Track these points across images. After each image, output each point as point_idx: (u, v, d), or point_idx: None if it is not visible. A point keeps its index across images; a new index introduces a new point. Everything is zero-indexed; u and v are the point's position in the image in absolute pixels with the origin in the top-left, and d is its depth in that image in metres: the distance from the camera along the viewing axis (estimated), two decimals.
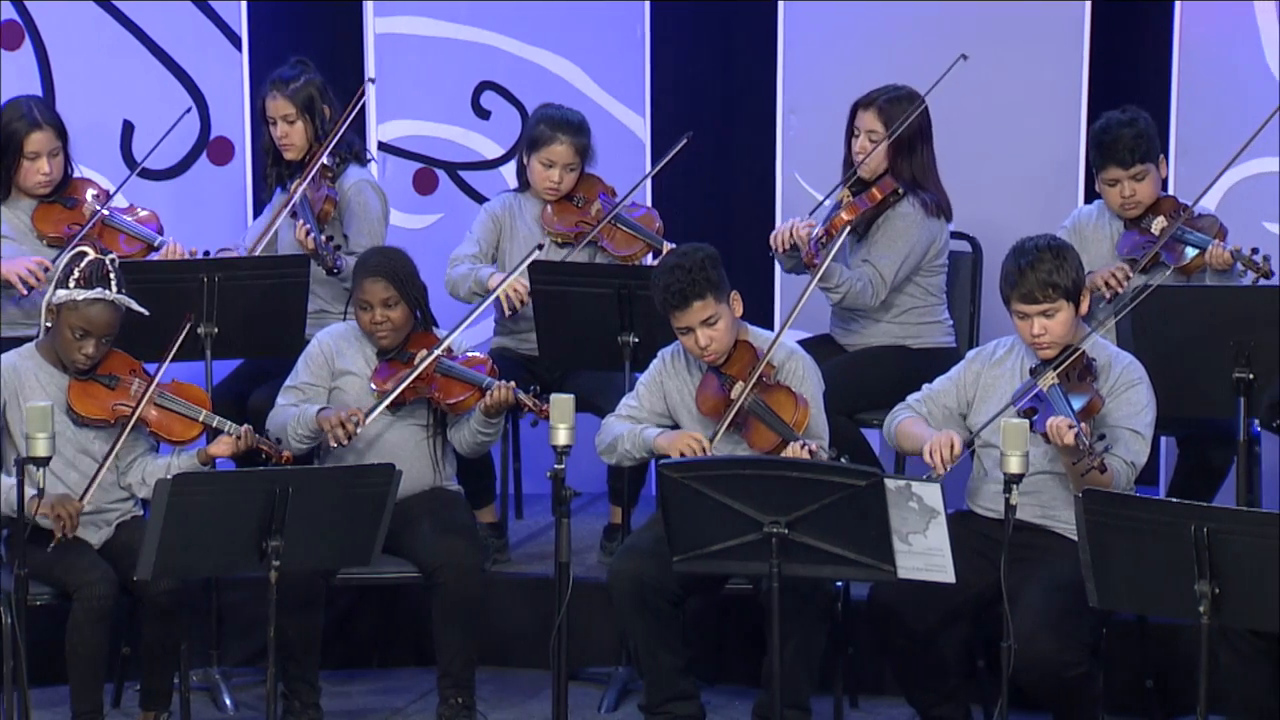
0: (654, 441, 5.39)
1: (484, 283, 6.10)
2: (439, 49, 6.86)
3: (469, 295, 6.14)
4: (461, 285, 6.16)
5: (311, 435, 5.58)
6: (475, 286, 6.13)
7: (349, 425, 5.49)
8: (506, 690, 5.89)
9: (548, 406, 5.20)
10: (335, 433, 5.50)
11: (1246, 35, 6.39)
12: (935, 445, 5.13)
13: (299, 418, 5.57)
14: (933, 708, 5.36)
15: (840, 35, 6.69)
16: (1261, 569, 4.50)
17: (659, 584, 5.30)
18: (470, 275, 6.16)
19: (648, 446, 5.40)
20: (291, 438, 5.56)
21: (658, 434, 5.41)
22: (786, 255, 6.05)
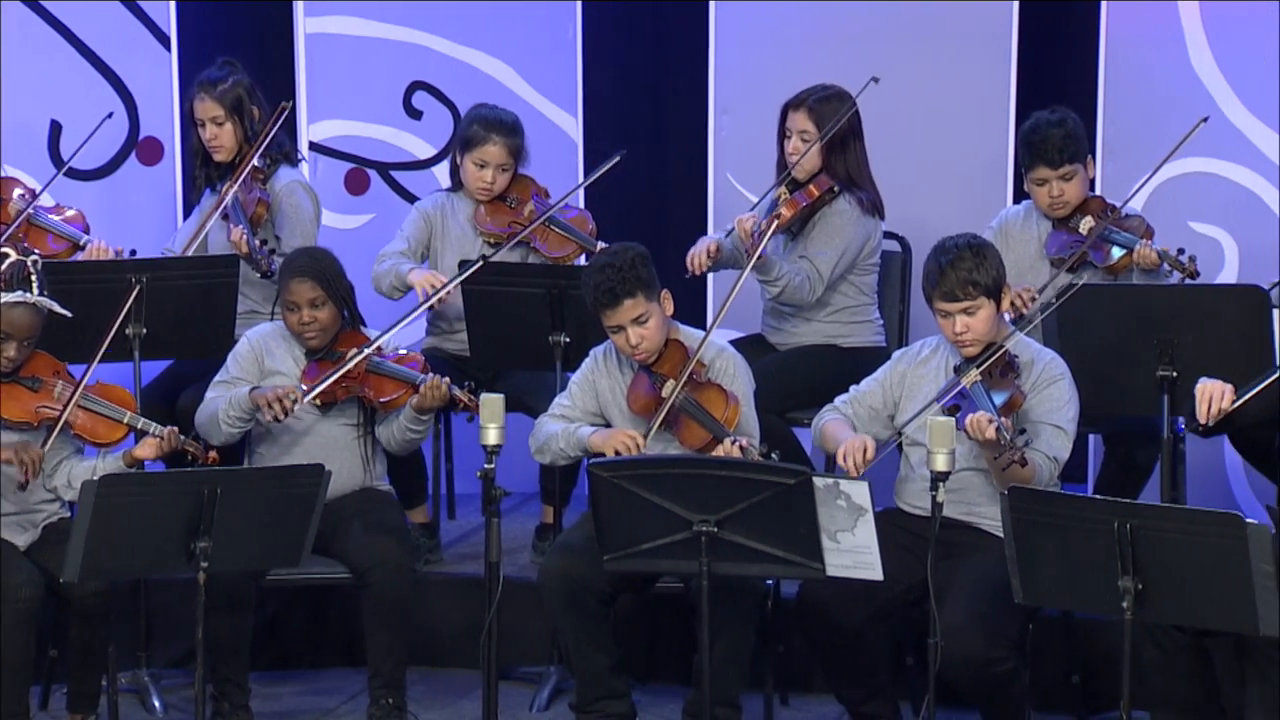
0: (588, 440, 5.40)
1: (404, 278, 6.10)
2: (370, 49, 6.85)
3: (390, 290, 6.14)
4: (384, 280, 6.15)
5: (245, 416, 5.56)
6: (396, 281, 6.12)
7: (286, 402, 5.48)
8: (438, 690, 5.89)
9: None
10: (273, 408, 5.48)
11: (1171, 35, 6.45)
12: (849, 449, 5.17)
13: (231, 399, 5.55)
14: (861, 704, 5.39)
15: (771, 36, 6.72)
16: (1184, 565, 4.54)
17: (589, 583, 5.31)
18: (392, 270, 6.14)
19: (582, 445, 5.42)
20: (223, 422, 5.54)
21: (592, 432, 5.42)
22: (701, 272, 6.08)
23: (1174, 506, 5.27)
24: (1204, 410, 5.00)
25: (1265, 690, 4.84)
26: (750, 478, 4.87)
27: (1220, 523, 4.49)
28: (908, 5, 6.61)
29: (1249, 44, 6.39)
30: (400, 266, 6.14)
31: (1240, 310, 5.46)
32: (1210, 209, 6.46)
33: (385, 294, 6.16)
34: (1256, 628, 4.51)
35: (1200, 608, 4.59)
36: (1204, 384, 5.03)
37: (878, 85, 6.12)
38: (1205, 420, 4.99)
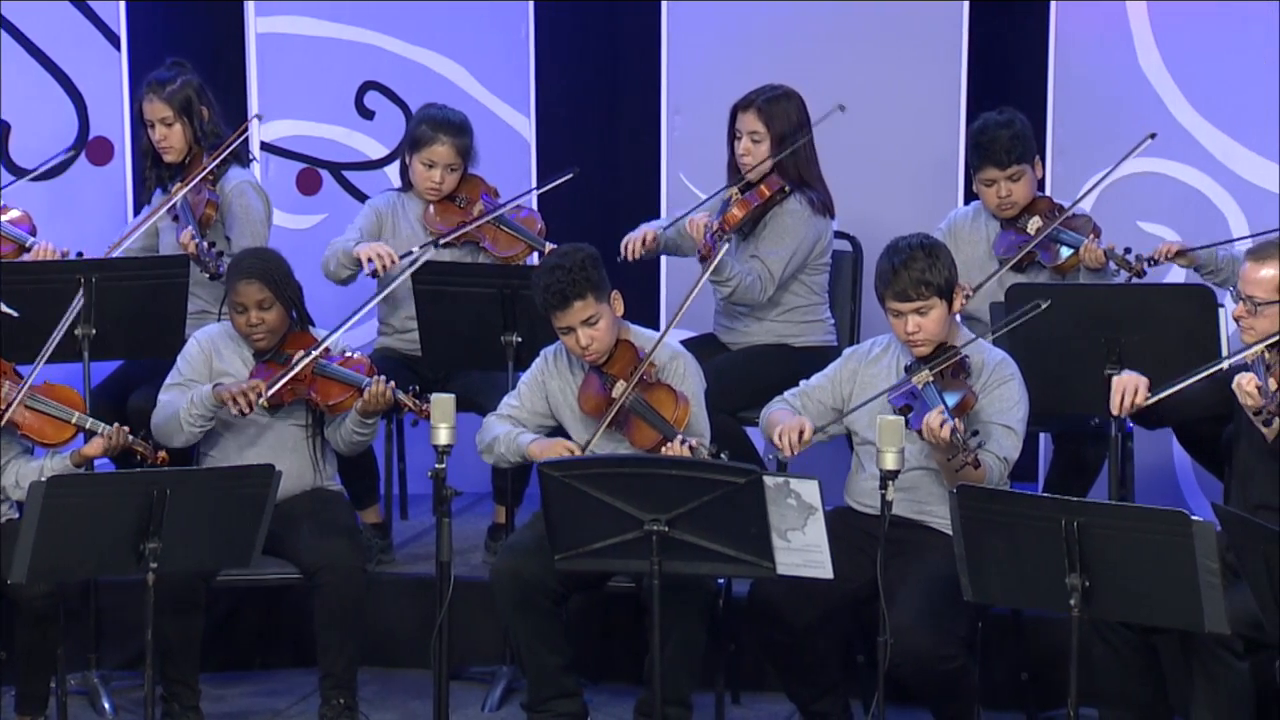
0: (527, 448, 5.42)
1: (351, 253, 6.09)
2: (321, 49, 6.84)
3: (338, 269, 6.13)
4: (331, 261, 6.15)
5: (208, 414, 5.55)
6: (344, 259, 6.12)
7: (251, 395, 5.47)
8: (390, 690, 5.88)
9: (428, 406, 5.21)
10: (238, 402, 5.47)
11: (1119, 36, 6.48)
12: (785, 429, 5.20)
13: (194, 398, 5.54)
14: (812, 702, 5.41)
15: (723, 35, 6.74)
16: (1130, 562, 4.57)
17: (541, 582, 5.31)
18: (339, 249, 6.14)
19: (521, 452, 5.44)
20: (185, 422, 5.53)
21: (532, 440, 5.43)
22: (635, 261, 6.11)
23: (1120, 504, 5.31)
24: (1117, 402, 5.04)
25: (1211, 686, 4.87)
26: (701, 477, 4.88)
27: (1166, 520, 4.53)
28: (859, 5, 6.63)
29: (1197, 45, 6.43)
30: (347, 244, 6.13)
31: (1187, 309, 5.50)
32: (1158, 209, 6.49)
33: (334, 275, 6.15)
34: (1202, 624, 4.54)
35: (1147, 605, 4.62)
36: (1121, 376, 5.07)
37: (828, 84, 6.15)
38: (1118, 412, 5.03)
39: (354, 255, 6.08)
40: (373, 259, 6.03)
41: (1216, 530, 4.56)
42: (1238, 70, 6.39)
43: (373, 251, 6.05)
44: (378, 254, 6.04)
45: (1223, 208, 6.47)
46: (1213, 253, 5.86)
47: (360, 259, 6.05)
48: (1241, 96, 6.39)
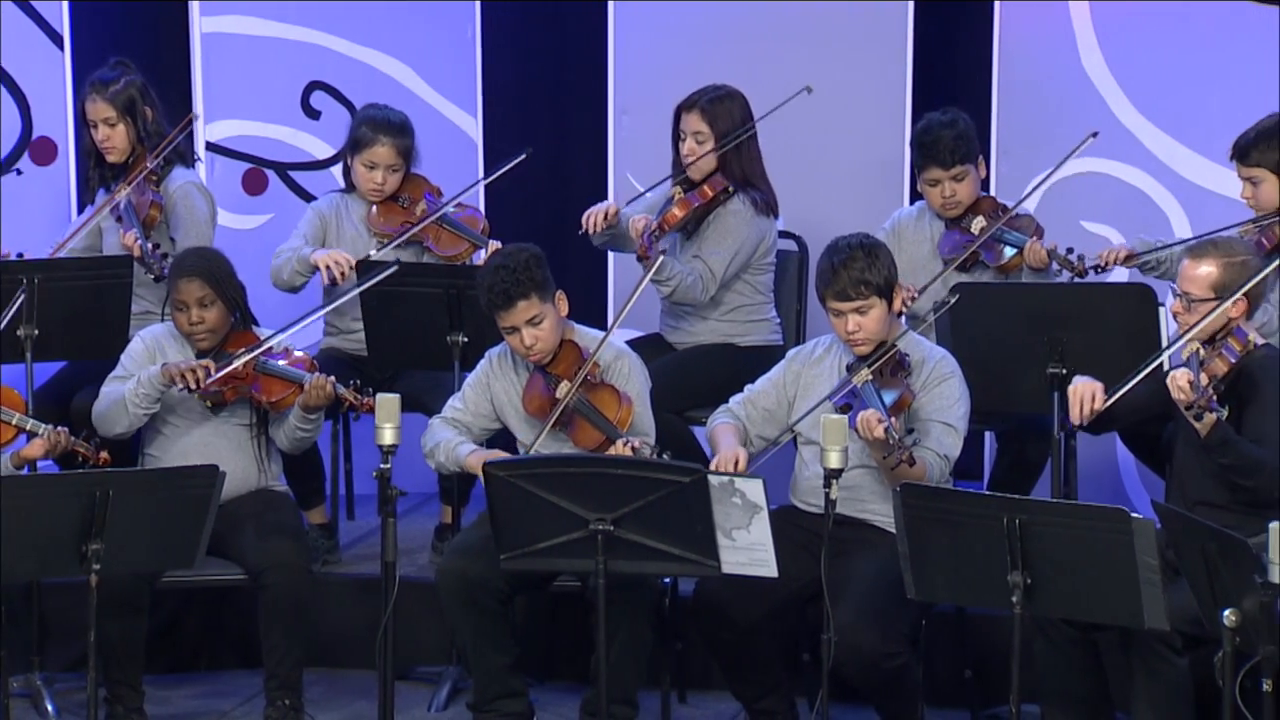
0: (465, 459, 5.43)
1: (306, 260, 6.09)
2: (267, 48, 6.83)
3: (292, 276, 6.12)
4: (284, 269, 6.14)
5: (155, 394, 5.54)
6: (299, 266, 6.10)
7: (199, 372, 5.45)
8: (336, 691, 5.88)
9: (370, 400, 5.21)
10: (185, 379, 5.46)
11: (1062, 37, 6.51)
12: (722, 460, 5.23)
13: (141, 379, 5.53)
14: (757, 701, 5.43)
15: (670, 35, 6.75)
16: (1071, 559, 4.60)
17: (486, 582, 5.32)
18: (292, 256, 6.13)
19: (459, 462, 5.45)
20: (130, 403, 5.52)
21: (470, 451, 5.44)
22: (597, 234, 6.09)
23: (1061, 502, 5.35)
24: (1076, 411, 5.08)
25: (1151, 683, 4.91)
26: (646, 476, 4.89)
27: (1106, 517, 4.56)
28: (805, 5, 6.65)
29: (1139, 45, 6.47)
30: (301, 250, 6.12)
31: (1128, 309, 5.54)
32: (1101, 209, 6.53)
33: (287, 283, 6.14)
34: (1142, 621, 4.57)
35: (1087, 602, 4.65)
36: (1076, 385, 5.12)
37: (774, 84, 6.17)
38: (1079, 421, 5.07)
39: (310, 263, 6.07)
40: (330, 266, 6.02)
41: (1156, 527, 4.59)
42: (1179, 70, 6.43)
43: (330, 259, 6.04)
44: (335, 261, 6.03)
45: (1165, 207, 6.51)
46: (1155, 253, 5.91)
47: (318, 266, 6.04)
48: (1183, 96, 6.43)
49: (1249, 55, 6.35)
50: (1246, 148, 5.77)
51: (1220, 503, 5.05)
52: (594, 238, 6.16)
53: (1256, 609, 4.29)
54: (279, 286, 6.18)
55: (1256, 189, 5.78)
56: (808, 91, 6.11)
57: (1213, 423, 4.93)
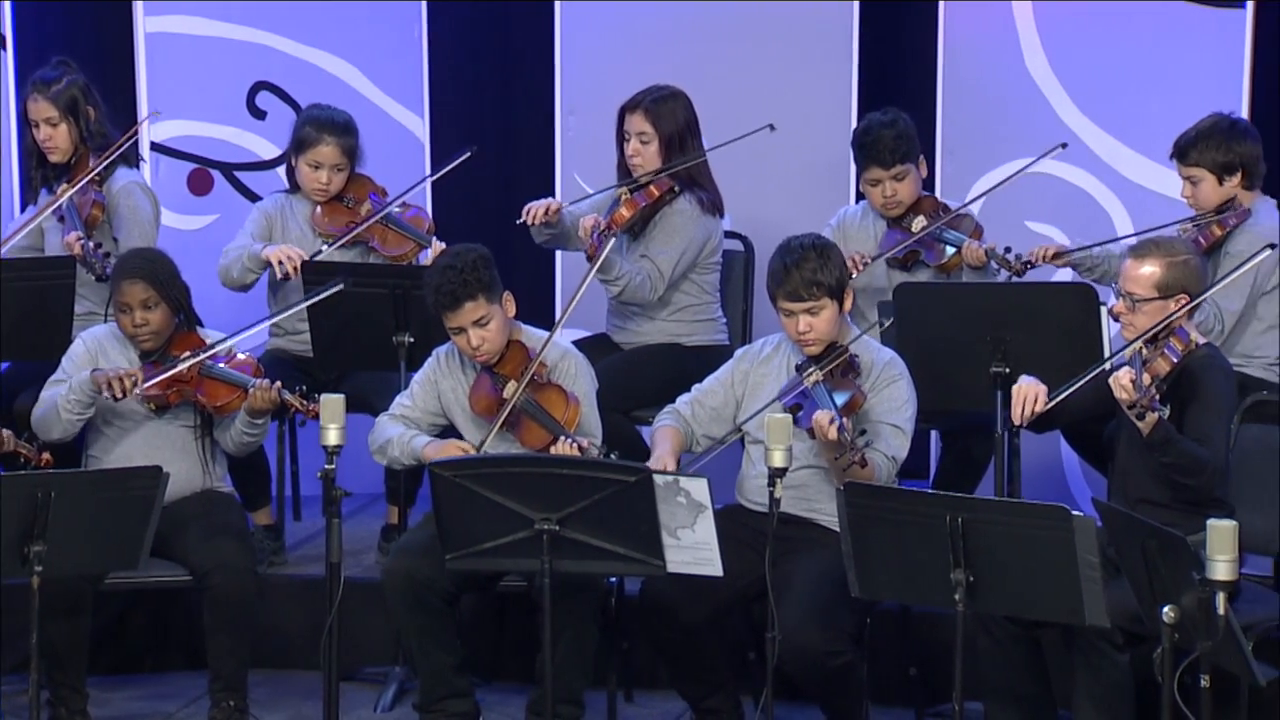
0: (422, 451, 5.42)
1: (257, 255, 6.07)
2: (212, 48, 6.81)
3: (243, 274, 6.10)
4: (235, 266, 6.12)
5: (87, 400, 5.52)
6: (249, 263, 6.08)
7: (126, 381, 5.44)
8: (281, 692, 5.86)
9: (315, 405, 5.20)
10: (113, 387, 5.43)
11: (1006, 36, 6.55)
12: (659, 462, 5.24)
13: (72, 384, 5.51)
14: (703, 700, 5.44)
15: (617, 36, 6.76)
16: (1013, 557, 4.62)
17: (432, 582, 5.32)
18: (242, 252, 6.11)
19: (416, 454, 5.44)
20: (63, 409, 5.49)
21: (426, 443, 5.43)
22: (537, 229, 6.09)
23: (1003, 500, 5.38)
24: (1018, 412, 5.12)
25: (1092, 679, 4.95)
26: (591, 476, 4.90)
27: (1047, 515, 4.58)
28: (751, 6, 6.67)
29: (1081, 46, 6.51)
30: (251, 247, 6.11)
31: (1070, 308, 5.57)
32: (1045, 209, 6.57)
33: (237, 281, 6.11)
34: (1083, 618, 4.60)
35: (1029, 599, 4.68)
36: (1019, 385, 5.15)
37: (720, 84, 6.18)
38: (1020, 422, 5.11)
39: (261, 258, 6.05)
40: (283, 260, 6.01)
41: (1097, 525, 4.62)
42: (1122, 71, 6.48)
43: (282, 254, 6.02)
44: (287, 255, 6.02)
45: (1108, 208, 6.55)
46: (1088, 252, 5.96)
47: (269, 261, 6.02)
48: (1125, 97, 6.48)
49: (1190, 56, 6.41)
50: (1186, 147, 5.82)
51: (1161, 501, 5.09)
52: (534, 232, 6.17)
53: (1195, 605, 4.32)
54: (228, 285, 6.16)
55: (1196, 188, 5.83)
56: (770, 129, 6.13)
57: (1155, 422, 4.97)
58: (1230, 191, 5.80)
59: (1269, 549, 5.36)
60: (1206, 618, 4.29)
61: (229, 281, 6.14)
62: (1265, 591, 5.41)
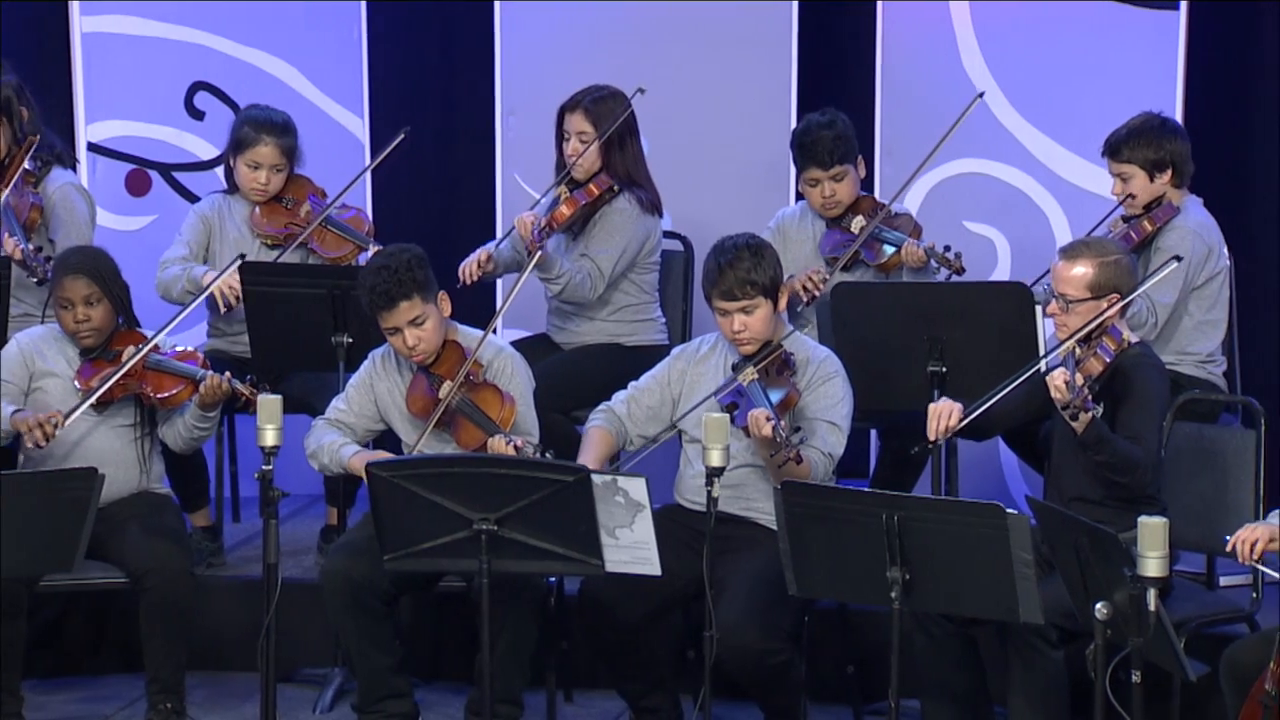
0: (348, 461, 5.42)
1: (198, 281, 6.06)
2: (150, 48, 6.78)
3: (182, 295, 6.08)
4: (174, 286, 6.11)
5: (4, 437, 5.48)
6: (189, 285, 6.07)
7: (47, 427, 5.41)
8: (220, 694, 5.85)
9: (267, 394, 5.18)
10: (33, 434, 5.41)
11: (943, 37, 6.57)
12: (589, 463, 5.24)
13: None
14: (642, 698, 5.45)
15: (556, 36, 6.76)
16: (948, 555, 4.64)
17: (371, 583, 5.31)
18: (183, 275, 6.11)
19: (342, 465, 5.44)
20: None
21: (353, 453, 5.44)
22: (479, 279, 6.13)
23: (938, 498, 5.41)
24: (933, 428, 5.15)
25: (1027, 675, 4.98)
26: (530, 476, 4.90)
27: (982, 513, 4.61)
28: (691, 5, 6.68)
29: (1018, 46, 6.54)
30: (193, 271, 6.10)
31: (1005, 306, 5.60)
32: (982, 209, 6.60)
33: (176, 300, 6.09)
34: (1018, 615, 4.62)
35: (965, 596, 4.70)
36: (934, 405, 5.18)
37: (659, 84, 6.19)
38: (935, 438, 5.15)
39: (202, 284, 6.01)
40: (225, 292, 5.98)
41: (1031, 523, 4.65)
42: (1058, 72, 6.51)
43: (225, 285, 5.99)
44: (230, 286, 5.99)
45: (1045, 208, 6.59)
46: None
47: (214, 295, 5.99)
48: (1060, 97, 6.51)
49: (1125, 57, 6.44)
50: (1117, 145, 5.86)
51: (1095, 499, 5.13)
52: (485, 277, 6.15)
53: (1126, 602, 4.36)
54: (165, 300, 6.13)
55: (1126, 185, 5.88)
56: (641, 92, 6.13)
57: (1089, 421, 5.00)
58: (1160, 189, 5.85)
59: (1201, 546, 5.41)
60: (1138, 614, 4.33)
61: (167, 297, 6.12)
62: (1197, 588, 5.46)
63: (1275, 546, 4.69)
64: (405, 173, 6.91)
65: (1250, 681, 4.67)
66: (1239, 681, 4.73)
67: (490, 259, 6.13)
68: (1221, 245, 5.93)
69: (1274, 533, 4.67)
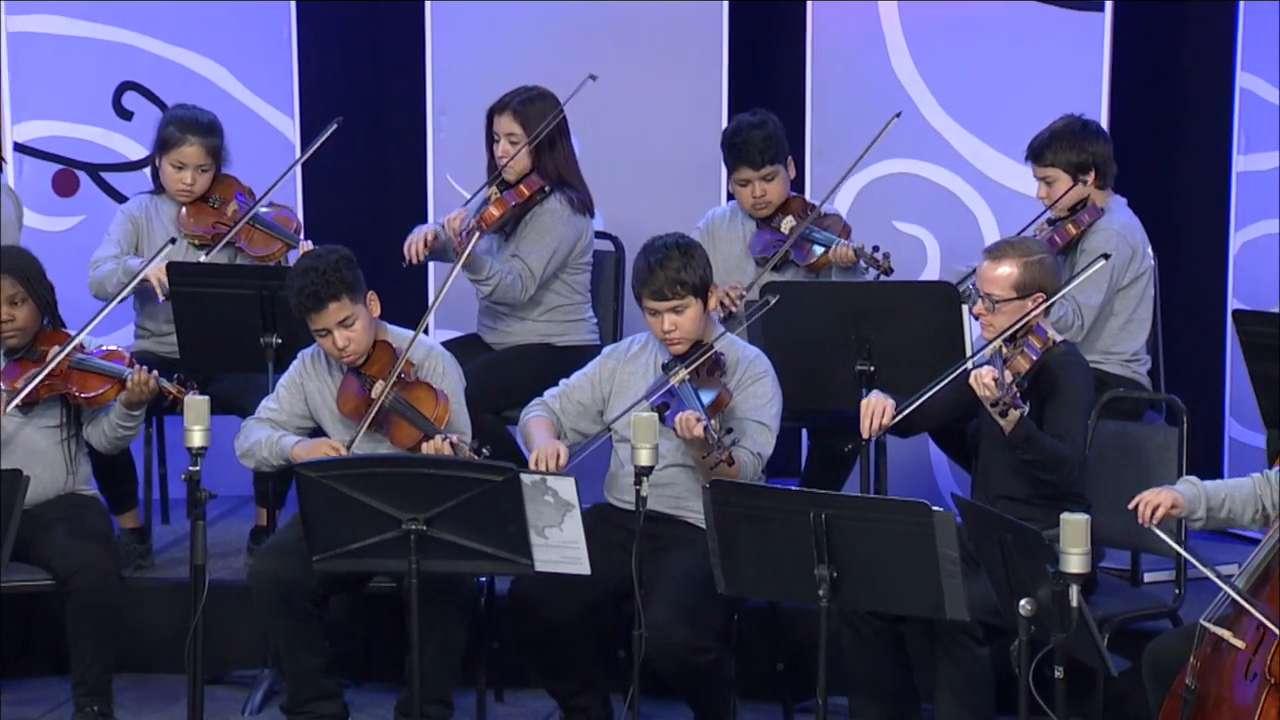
0: (291, 450, 5.40)
1: (133, 271, 6.02)
2: (77, 48, 6.73)
3: (118, 288, 6.04)
4: (109, 280, 6.06)
5: None
6: (125, 277, 6.03)
7: None
8: (148, 696, 5.82)
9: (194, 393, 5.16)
10: None
11: (872, 37, 6.60)
12: (541, 455, 5.25)
13: None
14: (572, 698, 5.46)
15: (487, 36, 6.76)
16: (875, 552, 4.67)
17: (299, 584, 5.30)
18: (118, 269, 6.07)
19: (284, 454, 5.41)
20: None
21: (295, 442, 5.41)
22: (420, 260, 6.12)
23: (865, 496, 5.44)
24: (866, 425, 5.19)
25: (953, 672, 5.02)
26: (459, 475, 4.90)
27: (908, 511, 4.63)
28: (620, 5, 6.69)
29: (946, 47, 6.58)
30: (126, 263, 6.06)
31: (932, 305, 5.63)
32: (912, 209, 6.64)
33: (111, 295, 6.05)
34: (944, 612, 4.66)
35: (891, 594, 4.73)
36: (867, 400, 5.22)
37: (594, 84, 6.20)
38: (868, 435, 5.18)
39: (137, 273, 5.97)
40: (162, 279, 5.95)
41: (956, 521, 4.68)
42: (985, 73, 6.56)
43: (161, 272, 5.95)
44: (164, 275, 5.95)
45: (973, 208, 6.63)
46: None
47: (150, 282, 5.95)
48: (989, 99, 6.55)
49: (1051, 58, 6.49)
50: (1040, 149, 5.91)
51: (1021, 496, 5.17)
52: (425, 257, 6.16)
53: (1050, 598, 4.39)
54: (100, 298, 6.09)
55: (1051, 188, 5.92)
56: (592, 79, 6.13)
57: (1016, 419, 5.04)
58: (1084, 191, 5.90)
59: (1126, 542, 5.46)
60: (1061, 610, 4.37)
61: (103, 295, 6.08)
62: (1122, 584, 5.51)
63: (1176, 513, 4.75)
64: (336, 172, 6.90)
65: (1171, 676, 4.72)
66: (1160, 676, 4.78)
67: (436, 237, 6.11)
68: (1146, 245, 5.99)
69: (1176, 499, 4.74)
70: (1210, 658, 4.67)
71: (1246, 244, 6.56)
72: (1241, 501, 4.79)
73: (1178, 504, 4.73)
